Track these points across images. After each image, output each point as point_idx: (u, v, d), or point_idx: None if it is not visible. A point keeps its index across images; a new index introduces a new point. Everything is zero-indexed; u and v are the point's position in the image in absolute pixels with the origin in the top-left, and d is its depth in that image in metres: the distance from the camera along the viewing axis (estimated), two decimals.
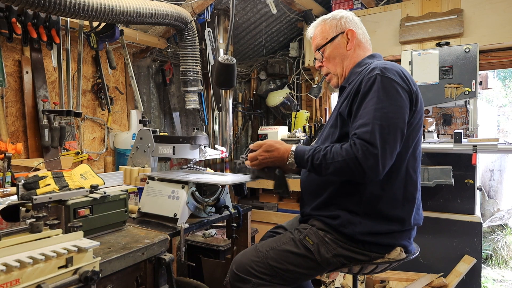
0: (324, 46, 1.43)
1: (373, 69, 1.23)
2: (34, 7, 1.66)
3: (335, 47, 1.42)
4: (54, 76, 2.26)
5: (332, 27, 1.42)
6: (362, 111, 1.19)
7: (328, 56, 1.43)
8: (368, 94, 1.20)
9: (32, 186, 1.24)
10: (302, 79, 3.86)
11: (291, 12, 3.36)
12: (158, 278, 1.28)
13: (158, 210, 1.52)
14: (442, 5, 2.85)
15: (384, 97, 1.17)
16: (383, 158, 1.12)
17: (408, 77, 1.25)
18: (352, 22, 1.42)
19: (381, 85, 1.18)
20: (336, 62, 1.43)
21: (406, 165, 1.26)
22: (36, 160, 1.99)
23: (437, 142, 2.63)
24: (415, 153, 1.29)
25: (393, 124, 1.15)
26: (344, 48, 1.41)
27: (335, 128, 1.31)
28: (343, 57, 1.42)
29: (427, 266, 2.46)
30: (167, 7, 2.27)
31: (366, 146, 1.11)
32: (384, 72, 1.20)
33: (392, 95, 1.18)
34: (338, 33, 1.41)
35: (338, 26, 1.42)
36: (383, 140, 1.12)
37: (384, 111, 1.15)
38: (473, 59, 2.46)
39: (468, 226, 2.37)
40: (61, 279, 0.85)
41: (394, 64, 1.28)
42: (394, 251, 1.26)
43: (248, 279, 1.28)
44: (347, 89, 1.33)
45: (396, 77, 1.20)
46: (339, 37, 1.41)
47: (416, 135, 1.27)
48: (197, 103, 2.78)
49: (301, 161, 1.26)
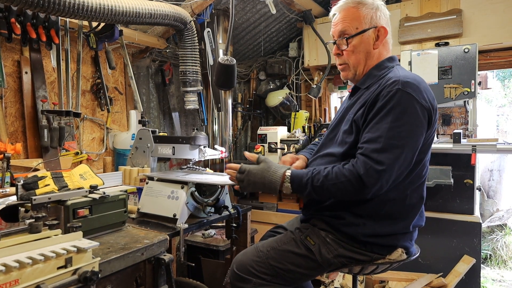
0: (353, 37, 1.28)
1: (395, 82, 1.15)
2: (33, 7, 1.66)
3: (363, 41, 1.29)
4: (54, 76, 2.26)
5: (367, 17, 1.28)
6: (375, 126, 1.14)
7: (353, 48, 1.30)
8: (384, 109, 1.14)
9: (31, 186, 1.24)
10: (301, 79, 3.86)
11: (290, 13, 3.36)
12: (157, 278, 1.27)
13: (157, 211, 1.52)
14: (441, 6, 2.85)
15: (401, 115, 1.11)
16: (388, 176, 1.09)
17: (428, 93, 1.19)
18: (385, 19, 1.31)
19: (400, 102, 1.12)
20: (360, 57, 1.31)
21: (416, 173, 1.23)
22: (36, 161, 1.99)
23: (436, 142, 2.63)
24: (425, 162, 1.27)
25: (405, 145, 1.10)
26: (371, 45, 1.29)
27: (350, 135, 1.25)
28: (368, 55, 1.30)
29: (426, 266, 2.46)
30: (166, 7, 2.27)
31: (370, 164, 1.09)
32: (405, 87, 1.13)
33: (410, 113, 1.11)
34: (370, 27, 1.28)
35: (373, 18, 1.28)
36: (392, 159, 1.09)
37: (398, 130, 1.10)
38: (473, 59, 2.46)
39: (467, 226, 2.37)
40: (60, 280, 0.85)
41: (415, 77, 1.20)
42: (395, 252, 1.26)
43: (249, 279, 1.27)
44: (364, 96, 1.26)
45: (417, 93, 1.13)
46: (370, 31, 1.28)
47: (429, 145, 1.25)
48: (196, 103, 2.77)
49: (299, 185, 1.20)
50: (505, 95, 8.07)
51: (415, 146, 1.14)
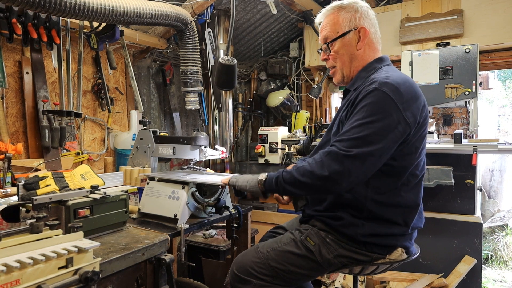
0: (334, 41, 1.32)
1: (374, 81, 1.18)
2: (35, 8, 1.66)
3: (345, 44, 1.31)
4: (55, 77, 2.26)
5: (346, 21, 1.30)
6: (347, 122, 1.17)
7: (336, 52, 1.33)
8: (358, 106, 1.16)
9: (32, 186, 1.24)
10: (302, 80, 3.86)
11: (291, 13, 3.36)
12: (158, 278, 1.27)
13: (158, 211, 1.52)
14: (442, 6, 2.85)
15: (372, 112, 1.12)
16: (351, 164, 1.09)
17: (410, 94, 1.16)
18: (367, 19, 1.32)
19: (374, 100, 1.13)
20: (345, 60, 1.33)
21: (410, 173, 1.23)
22: (37, 161, 2.00)
23: (437, 142, 2.63)
24: (419, 162, 1.26)
25: (373, 141, 1.10)
26: (354, 47, 1.31)
27: (336, 136, 1.26)
28: (352, 57, 1.32)
29: (427, 266, 2.45)
30: (167, 7, 2.27)
31: (333, 150, 1.11)
32: (382, 86, 1.14)
33: (382, 111, 1.11)
34: (350, 29, 1.30)
35: (352, 20, 1.30)
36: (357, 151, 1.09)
37: (367, 126, 1.11)
38: (473, 59, 2.45)
39: (468, 227, 2.36)
40: (61, 280, 0.85)
41: (399, 78, 1.18)
42: (395, 252, 1.26)
43: (249, 280, 1.27)
44: (350, 97, 1.28)
45: (394, 93, 1.13)
46: (351, 33, 1.30)
47: (420, 144, 1.23)
48: (197, 103, 2.77)
49: (270, 184, 1.26)
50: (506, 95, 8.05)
51: (386, 144, 1.12)
